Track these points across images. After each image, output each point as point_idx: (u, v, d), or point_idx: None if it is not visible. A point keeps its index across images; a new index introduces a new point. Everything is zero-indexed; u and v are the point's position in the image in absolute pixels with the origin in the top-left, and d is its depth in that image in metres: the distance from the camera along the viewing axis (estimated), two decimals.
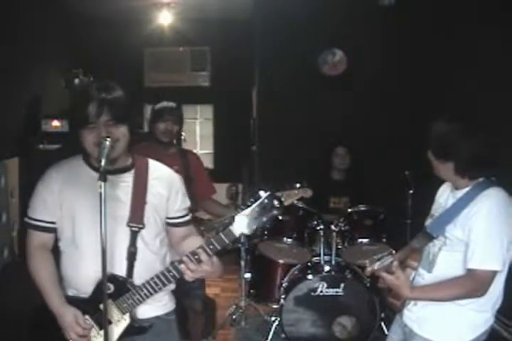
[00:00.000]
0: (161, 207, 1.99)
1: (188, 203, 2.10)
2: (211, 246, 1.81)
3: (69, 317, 1.84)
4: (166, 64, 7.04)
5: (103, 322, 1.77)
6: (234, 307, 3.97)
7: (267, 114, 5.10)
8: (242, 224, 1.77)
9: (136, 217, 1.91)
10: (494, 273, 1.92)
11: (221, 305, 3.78)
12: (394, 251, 2.06)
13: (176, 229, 2.06)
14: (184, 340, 3.39)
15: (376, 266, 1.99)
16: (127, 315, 1.87)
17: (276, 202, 1.77)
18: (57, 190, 1.91)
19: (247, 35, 5.48)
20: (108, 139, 1.74)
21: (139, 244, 1.92)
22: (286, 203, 2.88)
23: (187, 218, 2.09)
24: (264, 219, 1.76)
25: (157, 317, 1.98)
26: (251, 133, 5.75)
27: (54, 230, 1.95)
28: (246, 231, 1.77)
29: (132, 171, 1.98)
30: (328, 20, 4.74)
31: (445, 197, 2.15)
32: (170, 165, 2.98)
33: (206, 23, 6.22)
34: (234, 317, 3.93)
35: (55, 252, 1.99)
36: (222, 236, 1.80)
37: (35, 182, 1.99)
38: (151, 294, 1.88)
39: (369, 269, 2.04)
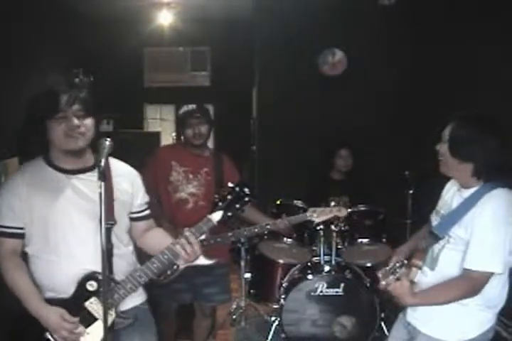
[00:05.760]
0: (128, 203, 2.06)
1: (147, 198, 2.17)
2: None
3: (54, 316, 1.84)
4: (166, 64, 7.05)
5: (103, 318, 1.78)
6: (234, 307, 3.97)
7: (267, 114, 5.11)
8: (218, 212, 1.92)
9: (108, 214, 1.92)
10: (490, 274, 1.91)
11: (221, 305, 3.77)
12: (406, 261, 2.03)
13: (138, 223, 2.13)
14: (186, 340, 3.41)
15: (390, 280, 1.96)
16: (112, 310, 1.90)
17: (246, 190, 1.93)
18: (23, 194, 1.89)
19: (247, 35, 5.48)
20: (108, 139, 1.77)
21: (114, 239, 1.97)
22: (318, 220, 2.97)
23: (147, 212, 2.17)
24: (238, 206, 1.92)
25: (136, 307, 2.04)
26: (251, 133, 5.75)
27: (22, 236, 1.92)
28: (222, 218, 1.91)
29: (96, 170, 1.96)
30: (328, 20, 4.74)
31: (451, 194, 2.12)
32: (200, 167, 3.04)
33: (206, 23, 6.23)
34: (234, 317, 3.93)
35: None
36: (201, 225, 1.92)
37: None
38: (136, 287, 1.93)
39: (383, 283, 1.98)
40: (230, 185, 1.95)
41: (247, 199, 1.93)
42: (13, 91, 4.33)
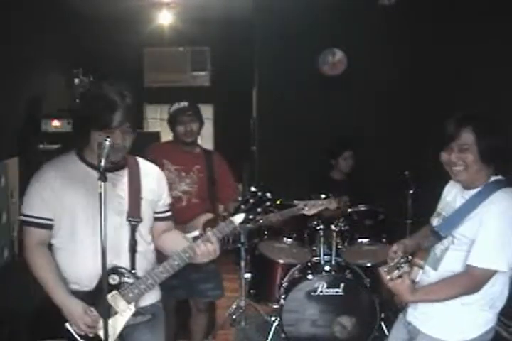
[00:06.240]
0: (154, 202, 2.11)
1: (169, 200, 2.23)
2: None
3: (78, 308, 1.89)
4: (166, 64, 7.03)
5: (103, 315, 1.83)
6: (234, 307, 3.96)
7: (267, 114, 5.10)
8: (240, 215, 1.98)
9: (135, 212, 2.01)
10: (493, 272, 1.91)
11: (221, 305, 3.77)
12: (410, 257, 2.04)
13: (159, 224, 2.18)
14: (186, 340, 3.41)
15: (394, 275, 1.96)
16: (132, 304, 1.95)
17: (268, 194, 2.00)
18: (56, 186, 1.94)
19: (247, 35, 5.48)
20: (108, 139, 1.77)
21: (137, 236, 2.02)
22: (309, 213, 3.01)
23: (169, 213, 2.23)
24: (259, 209, 1.99)
25: (153, 305, 2.11)
26: (251, 133, 5.75)
27: (51, 227, 1.97)
28: (244, 220, 1.97)
29: (126, 168, 2.07)
30: (328, 20, 4.74)
31: (453, 195, 2.12)
32: (192, 164, 3.07)
33: (206, 23, 6.21)
34: (234, 317, 3.93)
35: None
36: (224, 226, 1.98)
37: None
38: (156, 283, 1.98)
39: (388, 278, 1.97)
40: (253, 189, 2.02)
41: (268, 203, 2.00)
42: (13, 91, 4.33)
